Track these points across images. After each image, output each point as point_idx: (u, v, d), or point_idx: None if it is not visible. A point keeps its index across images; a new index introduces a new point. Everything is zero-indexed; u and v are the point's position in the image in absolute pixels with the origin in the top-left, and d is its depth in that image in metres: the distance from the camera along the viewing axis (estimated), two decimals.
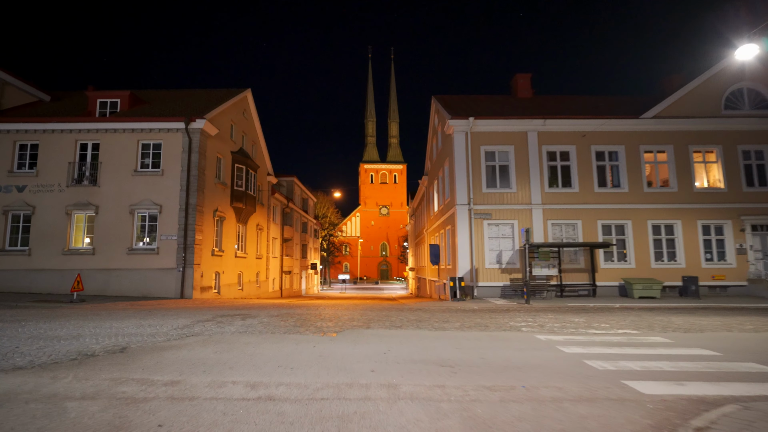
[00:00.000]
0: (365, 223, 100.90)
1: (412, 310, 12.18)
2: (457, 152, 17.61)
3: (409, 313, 10.81)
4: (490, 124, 17.69)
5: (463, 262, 16.98)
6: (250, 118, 24.90)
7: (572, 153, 17.75)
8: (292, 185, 36.04)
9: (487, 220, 17.25)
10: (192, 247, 17.09)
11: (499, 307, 13.17)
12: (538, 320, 9.37)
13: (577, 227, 17.37)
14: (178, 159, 17.57)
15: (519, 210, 17.33)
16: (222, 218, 20.17)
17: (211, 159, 18.94)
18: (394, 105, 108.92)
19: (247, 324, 7.98)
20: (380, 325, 8.20)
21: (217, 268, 19.54)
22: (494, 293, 16.91)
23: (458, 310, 12.09)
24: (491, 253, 17.22)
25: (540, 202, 17.33)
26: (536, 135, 17.73)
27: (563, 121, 17.65)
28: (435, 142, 24.61)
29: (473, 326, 8.14)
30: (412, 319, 9.33)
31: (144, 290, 16.83)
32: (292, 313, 10.41)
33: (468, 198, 17.29)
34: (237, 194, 21.71)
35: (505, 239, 17.33)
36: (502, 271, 17.02)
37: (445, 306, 13.72)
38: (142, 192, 17.39)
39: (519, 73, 23.30)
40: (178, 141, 17.68)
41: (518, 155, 17.66)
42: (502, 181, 17.70)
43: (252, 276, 24.58)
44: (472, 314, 10.65)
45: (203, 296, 17.82)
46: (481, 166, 17.57)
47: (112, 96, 19.09)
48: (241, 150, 22.74)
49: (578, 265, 17.19)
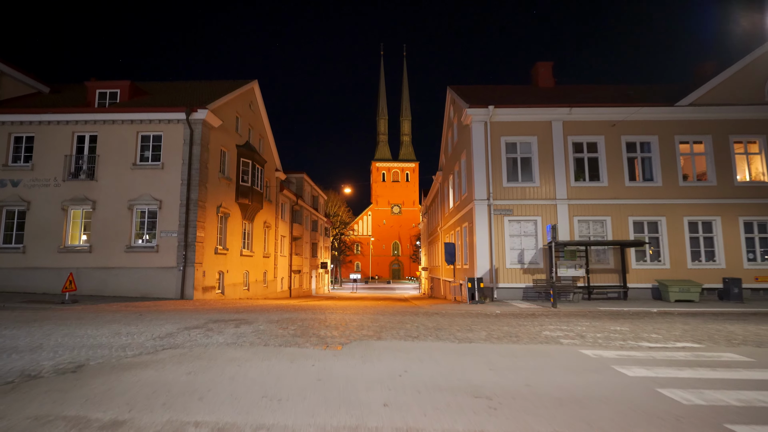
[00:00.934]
0: (377, 222, 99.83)
1: (428, 314, 11.03)
2: (475, 144, 16.38)
3: (425, 318, 9.66)
4: (510, 113, 16.43)
5: (482, 261, 15.76)
6: (257, 111, 23.95)
7: (600, 144, 16.39)
8: (302, 182, 35.09)
9: (508, 216, 16.00)
10: (193, 244, 16.16)
11: (524, 311, 11.95)
12: (574, 328, 8.15)
13: (605, 224, 16.02)
14: (179, 152, 16.65)
15: (542, 205, 16.05)
16: (226, 215, 19.23)
17: (214, 152, 18.00)
18: (407, 103, 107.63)
19: (240, 332, 6.91)
20: (394, 334, 7.06)
21: (221, 267, 18.60)
22: (515, 295, 15.66)
23: (479, 314, 10.90)
24: (512, 252, 15.96)
25: (565, 197, 16.02)
26: (561, 125, 16.41)
27: (591, 109, 16.30)
28: (450, 136, 23.38)
29: (502, 336, 6.96)
30: (429, 326, 8.18)
31: (143, 290, 15.95)
32: (295, 318, 9.34)
33: (487, 193, 16.06)
34: (242, 190, 20.76)
35: (528, 237, 16.06)
36: (524, 272, 15.75)
37: (464, 309, 12.53)
38: (142, 186, 16.51)
39: (540, 62, 21.96)
40: (179, 132, 16.76)
41: (542, 147, 16.37)
42: (524, 174, 16.43)
43: (259, 275, 23.65)
44: (496, 320, 9.46)
45: (205, 297, 16.88)
46: (502, 158, 16.32)
47: (112, 86, 18.26)
48: (248, 144, 21.79)
49: (607, 265, 15.84)
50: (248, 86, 22.06)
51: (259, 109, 24.23)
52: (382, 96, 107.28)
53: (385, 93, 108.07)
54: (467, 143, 17.52)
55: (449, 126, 23.69)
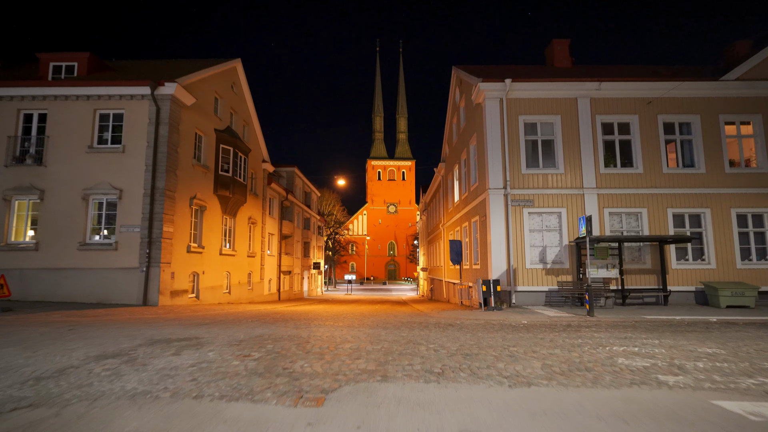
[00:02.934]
0: (372, 222, 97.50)
1: (441, 326, 8.72)
2: (489, 124, 14.11)
3: (440, 334, 7.36)
4: (530, 89, 14.18)
5: (498, 260, 13.49)
6: (240, 94, 21.55)
7: (634, 125, 14.18)
8: (293, 176, 32.70)
9: (528, 208, 13.74)
10: (159, 241, 13.76)
11: (556, 321, 9.68)
12: (649, 350, 5.88)
13: (641, 217, 13.80)
14: (143, 133, 14.26)
15: (567, 195, 13.80)
16: (202, 207, 16.83)
17: (187, 135, 15.60)
18: (403, 100, 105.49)
19: (173, 366, 4.57)
20: (405, 367, 4.75)
21: (196, 268, 16.19)
22: (537, 300, 13.41)
23: (504, 326, 8.61)
24: (533, 250, 13.71)
25: (594, 185, 13.79)
26: (588, 102, 14.19)
27: (623, 84, 14.09)
28: (455, 121, 21.11)
29: (568, 370, 4.66)
30: (452, 348, 5.88)
31: (100, 295, 13.54)
32: (268, 335, 7.00)
33: (503, 181, 13.79)
34: (222, 180, 18.37)
35: (550, 232, 13.81)
36: (546, 273, 13.50)
37: (481, 319, 10.24)
38: (99, 173, 14.09)
39: (556, 39, 19.73)
40: (144, 110, 14.36)
41: (566, 127, 14.13)
42: (545, 159, 14.18)
43: (243, 277, 21.24)
44: (532, 336, 7.18)
45: (175, 302, 14.47)
46: (520, 140, 14.06)
47: (68, 59, 15.83)
48: (229, 129, 19.40)
49: (643, 264, 13.62)
50: (229, 64, 19.68)
51: (243, 92, 21.83)
52: (377, 93, 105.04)
53: (381, 90, 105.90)
54: (479, 125, 15.25)
55: (454, 111, 21.42)
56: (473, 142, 16.59)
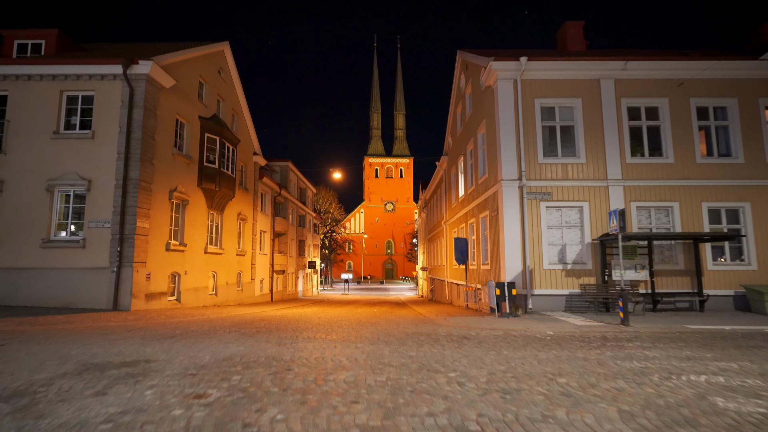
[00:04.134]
0: (370, 220, 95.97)
1: (454, 339, 7.25)
2: (501, 108, 12.64)
3: (457, 353, 5.89)
4: (548, 68, 12.72)
5: (512, 260, 12.03)
6: (229, 81, 20.01)
7: (663, 109, 12.74)
8: (287, 171, 31.15)
9: (546, 201, 12.29)
10: (132, 238, 12.24)
11: (587, 332, 8.23)
12: (738, 380, 4.43)
13: (672, 212, 12.37)
14: (115, 117, 12.72)
15: (590, 188, 12.36)
16: (184, 201, 15.30)
17: (166, 121, 14.07)
18: (401, 96, 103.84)
19: (78, 423, 3.08)
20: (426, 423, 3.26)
21: (176, 268, 14.68)
22: (555, 305, 11.97)
23: (530, 339, 7.14)
24: (551, 249, 12.26)
25: (619, 176, 12.35)
26: (612, 84, 12.74)
27: (651, 63, 12.65)
28: (460, 110, 19.63)
29: (660, 421, 3.19)
30: (480, 380, 4.40)
31: (65, 298, 12.03)
32: (240, 357, 5.52)
33: (518, 171, 12.33)
34: (207, 172, 16.84)
35: (571, 229, 12.37)
36: (566, 274, 12.06)
37: (498, 328, 8.77)
38: (66, 162, 12.57)
39: (569, 21, 18.26)
40: (116, 92, 12.83)
41: (587, 112, 12.68)
42: (565, 147, 12.73)
43: (231, 277, 19.73)
44: (568, 354, 5.71)
45: (150, 306, 12.96)
46: (536, 126, 12.60)
47: (35, 36, 14.27)
48: (215, 117, 17.86)
49: (675, 265, 12.19)
50: (216, 47, 18.13)
51: (231, 79, 20.28)
52: (375, 89, 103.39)
53: (379, 86, 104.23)
54: (489, 110, 13.78)
55: (458, 99, 19.94)
56: (481, 130, 15.12)
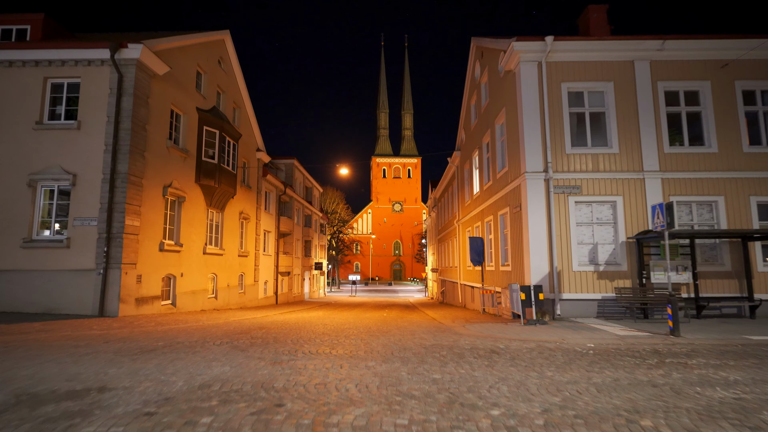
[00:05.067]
0: (377, 220, 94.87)
1: (481, 353, 6.10)
2: (525, 93, 11.46)
3: (491, 376, 4.75)
4: (576, 49, 11.53)
5: (538, 261, 10.84)
6: (230, 73, 19.01)
7: (705, 93, 11.49)
8: (292, 169, 30.15)
9: (575, 196, 11.09)
10: (120, 237, 11.22)
11: (633, 344, 7.03)
12: None
13: (716, 208, 11.12)
14: (102, 106, 11.73)
15: (624, 180, 11.14)
16: (180, 198, 14.29)
17: (159, 111, 13.06)
18: (408, 95, 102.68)
19: None
20: None
21: (172, 270, 13.66)
22: (586, 310, 10.75)
23: (572, 355, 5.97)
24: (581, 249, 11.06)
25: (656, 168, 11.12)
26: (648, 66, 11.52)
27: (691, 43, 11.41)
28: (474, 101, 18.46)
29: None
30: (536, 423, 3.28)
31: (47, 303, 11.04)
32: (221, 385, 4.43)
33: (543, 162, 11.15)
34: (206, 168, 15.83)
35: (603, 226, 11.15)
36: (598, 276, 10.84)
37: (528, 338, 7.59)
38: (49, 154, 11.60)
39: (591, 5, 16.98)
40: (104, 78, 11.84)
41: (620, 97, 11.47)
42: (595, 136, 11.53)
43: (232, 279, 18.70)
44: (628, 376, 4.53)
45: (141, 311, 11.93)
46: (563, 113, 11.41)
47: (19, 21, 13.34)
48: (215, 110, 16.86)
49: (720, 266, 10.92)
50: (216, 36, 17.13)
51: (232, 70, 19.29)
52: (382, 88, 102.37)
53: (386, 85, 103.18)
54: (510, 97, 12.61)
55: (473, 90, 18.77)
56: (500, 120, 13.95)
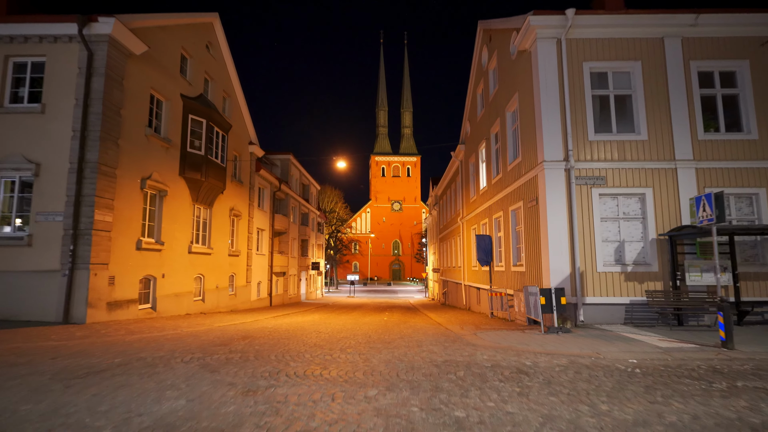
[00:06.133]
0: (376, 220, 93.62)
1: (506, 375, 4.91)
2: (542, 74, 10.26)
3: (531, 412, 3.56)
4: (600, 24, 10.32)
5: (558, 261, 9.65)
6: (219, 59, 17.77)
7: (743, 73, 10.31)
8: (288, 165, 28.90)
9: (599, 188, 9.90)
10: (89, 234, 10.00)
11: (682, 360, 5.85)
12: None
13: (757, 201, 9.93)
14: (71, 87, 10.50)
15: (654, 170, 9.95)
16: (161, 192, 13.06)
17: (137, 95, 11.83)
18: (408, 93, 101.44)
19: None
20: None
21: (151, 270, 12.43)
22: (613, 316, 9.56)
23: (616, 375, 4.77)
24: (606, 247, 9.87)
25: (690, 156, 9.93)
26: (679, 43, 10.33)
27: (728, 17, 10.22)
28: (481, 90, 17.26)
29: None
30: None
31: (5, 308, 9.85)
32: (161, 429, 3.21)
33: (564, 151, 9.95)
34: (192, 159, 14.60)
35: (630, 221, 9.96)
36: (626, 278, 9.65)
37: (557, 352, 6.38)
38: (10, 142, 10.36)
39: None
40: (72, 57, 10.61)
41: (649, 78, 10.27)
42: (621, 121, 10.33)
43: (222, 280, 17.47)
44: (705, 410, 3.36)
45: (115, 316, 10.70)
46: (585, 96, 10.21)
47: None
48: (202, 97, 15.62)
49: (761, 266, 9.73)
50: (203, 18, 15.90)
51: (222, 57, 18.04)
52: (381, 86, 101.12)
53: (385, 83, 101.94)
54: (524, 80, 11.41)
55: (479, 78, 17.57)
56: (512, 107, 12.76)
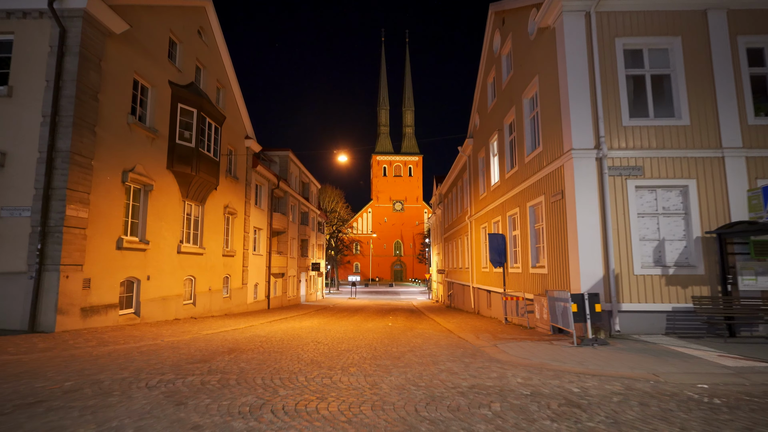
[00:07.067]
0: (377, 220, 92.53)
1: (556, 411, 3.77)
2: (569, 52, 9.12)
3: None
4: None
5: (588, 262, 8.51)
6: (213, 47, 16.66)
7: None
8: (287, 162, 27.78)
9: (636, 179, 8.76)
10: (59, 231, 8.88)
11: (762, 384, 4.70)
12: None
13: None
14: (41, 68, 9.38)
15: (697, 159, 8.80)
16: (146, 187, 11.94)
17: (117, 79, 10.71)
18: (409, 92, 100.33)
19: None
20: None
21: (135, 272, 11.31)
22: (652, 325, 8.41)
23: (689, 406, 3.63)
24: (643, 246, 8.72)
25: (739, 144, 8.78)
26: (724, 16, 9.17)
27: None
28: (492, 79, 16.13)
29: None
30: None
31: None
32: None
33: (594, 138, 8.81)
34: (181, 152, 13.49)
35: (670, 217, 8.82)
36: (666, 281, 8.50)
37: (602, 373, 5.21)
38: None
39: None
40: (43, 35, 9.50)
41: (690, 55, 9.12)
42: (658, 104, 9.19)
43: (215, 282, 16.34)
44: None
45: (90, 323, 9.57)
46: (618, 76, 9.07)
47: None
48: (193, 86, 14.51)
49: None
50: (194, 1, 14.79)
51: (216, 45, 16.93)
52: (383, 85, 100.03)
53: (387, 82, 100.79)
54: (546, 61, 10.27)
55: (490, 66, 16.43)
56: (530, 93, 11.63)
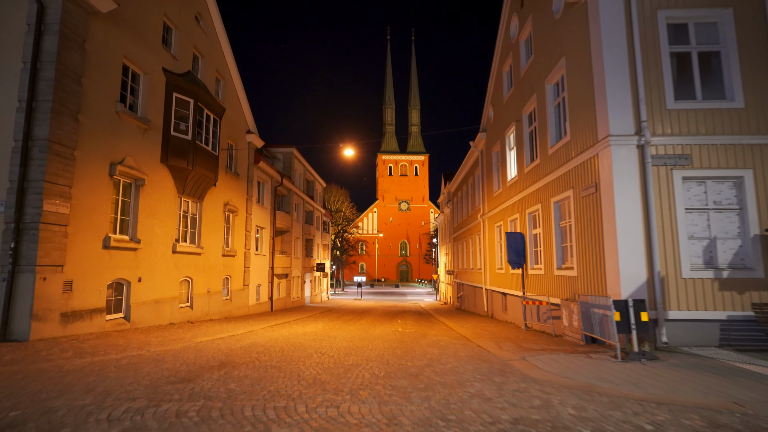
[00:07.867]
0: (383, 220, 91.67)
1: None
2: (605, 27, 8.10)
3: None
4: None
5: (629, 263, 7.48)
6: (212, 35, 15.76)
7: None
8: (291, 159, 26.88)
9: (682, 169, 7.72)
10: (35, 228, 7.98)
11: None
12: None
13: None
14: (17, 49, 8.50)
15: (754, 147, 7.75)
16: (138, 181, 11.04)
17: (104, 62, 9.81)
18: (416, 91, 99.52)
19: None
20: None
21: (124, 273, 10.41)
22: (705, 336, 7.37)
23: None
24: (692, 246, 7.68)
25: None
26: None
27: None
28: (510, 67, 15.10)
29: None
30: None
31: None
32: None
33: (635, 123, 7.79)
34: (176, 144, 12.59)
35: (723, 212, 7.77)
36: (720, 285, 7.45)
37: (673, 403, 4.12)
38: None
39: None
40: (20, 12, 8.62)
41: (743, 30, 8.07)
42: (707, 85, 8.14)
43: (214, 284, 15.44)
44: None
45: (72, 330, 8.67)
46: (661, 53, 8.03)
47: None
48: (190, 74, 13.62)
49: None
50: None
51: (215, 33, 16.03)
52: (388, 83, 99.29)
53: (392, 80, 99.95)
54: (575, 40, 9.25)
55: (506, 54, 15.41)
56: (554, 78, 10.61)
